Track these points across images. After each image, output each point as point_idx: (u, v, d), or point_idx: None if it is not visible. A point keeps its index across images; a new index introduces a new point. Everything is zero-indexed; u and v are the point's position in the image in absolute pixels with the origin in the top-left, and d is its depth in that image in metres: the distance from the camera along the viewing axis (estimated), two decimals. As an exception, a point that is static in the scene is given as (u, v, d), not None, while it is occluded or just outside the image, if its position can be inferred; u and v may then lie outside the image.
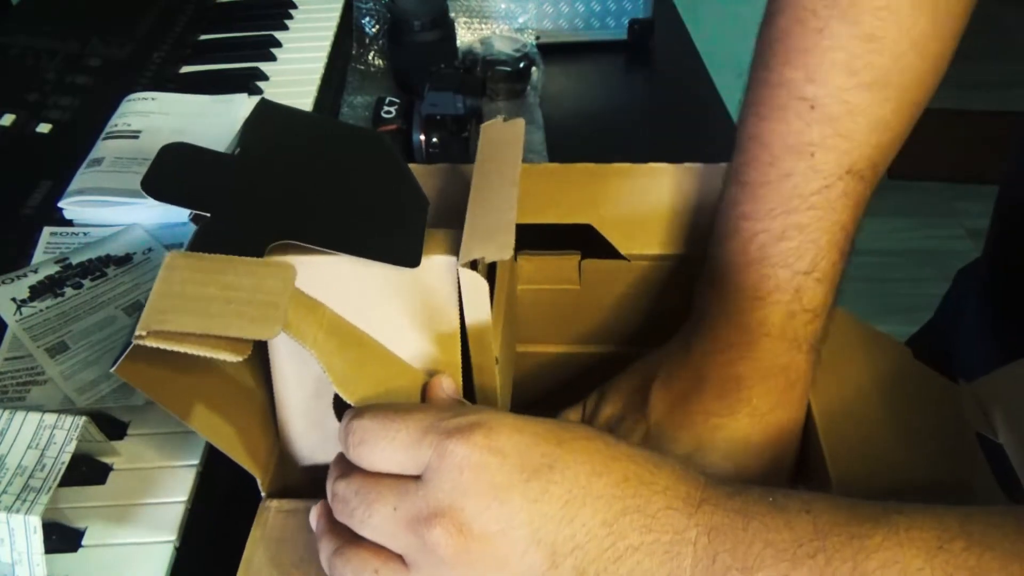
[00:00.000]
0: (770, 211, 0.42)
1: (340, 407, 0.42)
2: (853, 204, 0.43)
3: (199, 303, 0.33)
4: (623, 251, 0.47)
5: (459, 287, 0.38)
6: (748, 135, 0.44)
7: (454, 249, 0.38)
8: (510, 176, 0.41)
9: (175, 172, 0.39)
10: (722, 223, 0.44)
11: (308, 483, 0.43)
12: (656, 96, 0.92)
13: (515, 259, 0.49)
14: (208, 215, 0.37)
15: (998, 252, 0.65)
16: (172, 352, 0.32)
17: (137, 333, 0.32)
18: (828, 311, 0.43)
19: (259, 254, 0.36)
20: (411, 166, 0.45)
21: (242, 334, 0.33)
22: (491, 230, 0.38)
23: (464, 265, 0.36)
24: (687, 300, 0.45)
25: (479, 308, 0.38)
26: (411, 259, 0.38)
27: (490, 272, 0.39)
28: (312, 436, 0.42)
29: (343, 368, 0.37)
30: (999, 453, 0.41)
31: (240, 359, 0.33)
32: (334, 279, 0.38)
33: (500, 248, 0.36)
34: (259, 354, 0.42)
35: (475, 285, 0.37)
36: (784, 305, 0.41)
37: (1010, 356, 0.45)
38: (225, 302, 0.33)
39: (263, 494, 0.41)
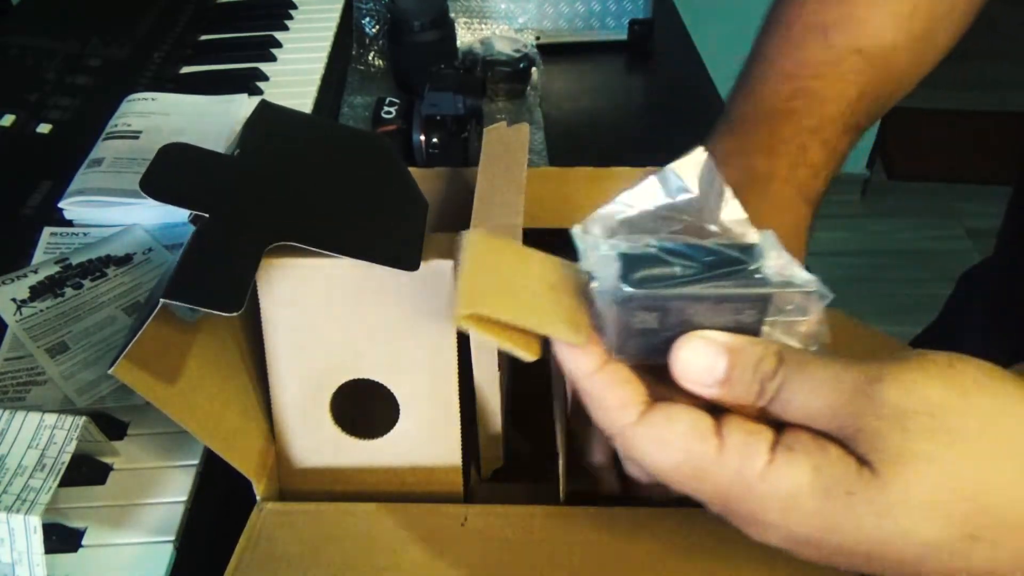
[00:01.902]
0: (782, 74, 0.47)
1: (336, 411, 0.42)
2: (862, 82, 0.47)
3: (513, 290, 0.30)
4: None
5: None
6: (773, 18, 0.49)
7: (455, 254, 0.38)
8: (516, 181, 0.41)
9: (174, 172, 0.39)
10: (741, 82, 0.49)
11: (303, 486, 0.43)
12: (656, 96, 0.92)
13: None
14: (207, 215, 0.37)
15: (1011, 252, 0.64)
16: (170, 354, 0.32)
17: (461, 314, 0.29)
18: (828, 176, 0.47)
19: (258, 256, 0.36)
20: (411, 169, 0.45)
21: (553, 333, 0.30)
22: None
23: None
24: None
25: None
26: (410, 262, 0.38)
27: None
28: (308, 439, 0.42)
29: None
30: None
31: (533, 359, 0.30)
32: (333, 281, 0.38)
33: None
34: (256, 355, 0.42)
35: None
36: (790, 156, 0.45)
37: (1015, 357, 0.45)
38: (535, 295, 0.31)
39: (259, 497, 0.41)
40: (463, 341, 0.40)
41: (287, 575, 0.37)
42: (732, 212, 0.30)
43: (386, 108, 0.77)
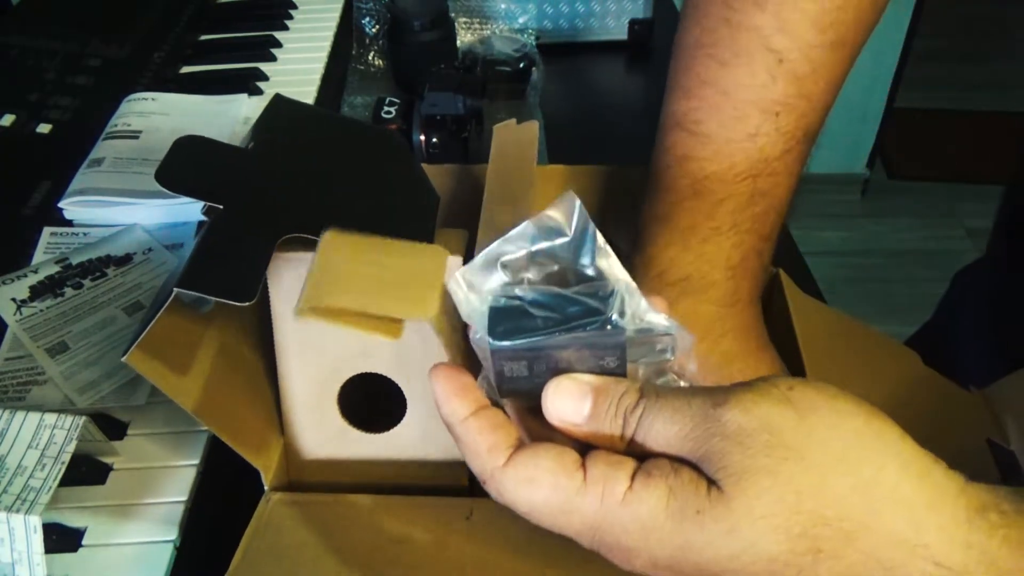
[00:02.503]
0: (737, 174, 0.40)
1: (344, 403, 0.42)
2: (800, 169, 0.42)
3: (356, 281, 0.33)
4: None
5: None
6: (702, 79, 0.41)
7: (465, 249, 0.38)
8: (526, 177, 0.41)
9: (189, 165, 0.39)
10: (672, 174, 0.42)
11: (310, 478, 0.43)
12: (656, 96, 0.92)
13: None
14: (221, 207, 0.37)
15: (1001, 253, 0.65)
16: (181, 344, 0.33)
17: (299, 307, 0.32)
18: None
19: (271, 247, 0.36)
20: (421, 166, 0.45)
21: (398, 314, 0.33)
22: (508, 230, 0.37)
23: None
24: None
25: None
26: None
27: None
28: (316, 431, 0.42)
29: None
30: (1010, 460, 0.41)
31: (394, 340, 0.32)
32: None
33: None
34: (265, 347, 0.42)
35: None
36: (758, 272, 0.42)
37: (1008, 358, 0.45)
38: (380, 281, 0.33)
39: (266, 487, 0.41)
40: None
41: (293, 565, 0.38)
42: (603, 256, 0.32)
43: (386, 108, 0.77)
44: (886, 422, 0.28)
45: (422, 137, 0.72)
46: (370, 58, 0.92)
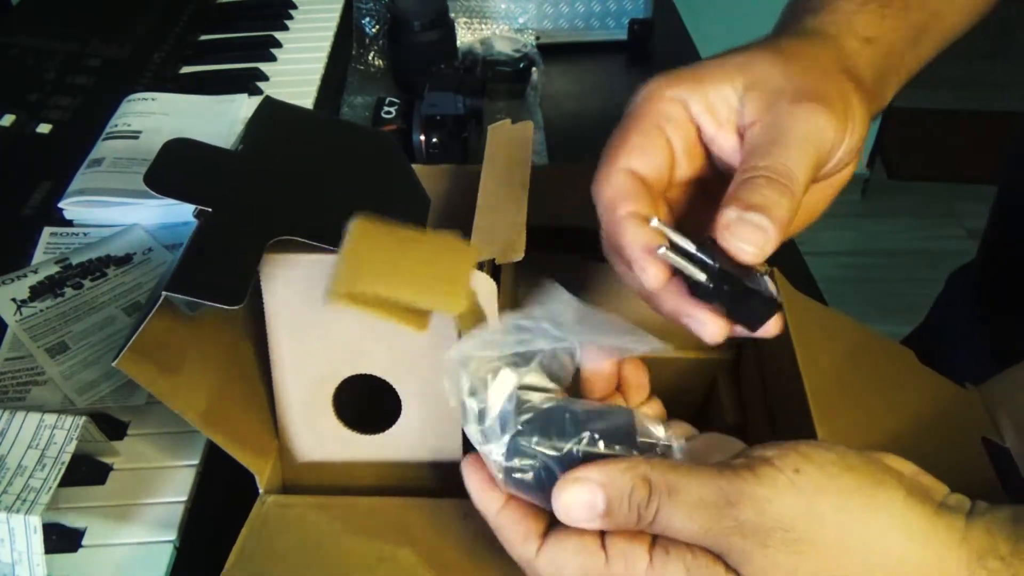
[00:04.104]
0: None
1: (338, 405, 0.42)
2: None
3: (389, 269, 0.33)
4: None
5: None
6: None
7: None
8: (519, 178, 0.41)
9: (178, 167, 0.39)
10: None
11: (306, 480, 0.43)
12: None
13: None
14: (210, 210, 0.37)
15: (991, 253, 0.65)
16: (173, 347, 0.32)
17: (331, 292, 0.32)
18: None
19: (261, 250, 0.36)
20: (414, 167, 0.45)
21: (429, 306, 0.33)
22: (500, 232, 0.38)
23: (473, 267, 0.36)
24: None
25: (487, 311, 0.38)
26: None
27: (494, 274, 0.40)
28: (311, 433, 0.42)
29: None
30: (1006, 458, 0.41)
31: (421, 332, 0.33)
32: None
33: (510, 250, 0.36)
34: (259, 349, 0.42)
35: (484, 287, 0.37)
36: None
37: (998, 356, 0.45)
38: (410, 273, 0.34)
39: (261, 490, 0.41)
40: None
41: (288, 567, 0.38)
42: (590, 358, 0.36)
43: (386, 108, 0.77)
44: (889, 488, 0.30)
45: (422, 137, 0.72)
46: (370, 58, 0.92)
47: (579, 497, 0.32)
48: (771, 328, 0.35)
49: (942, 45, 0.48)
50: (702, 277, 0.33)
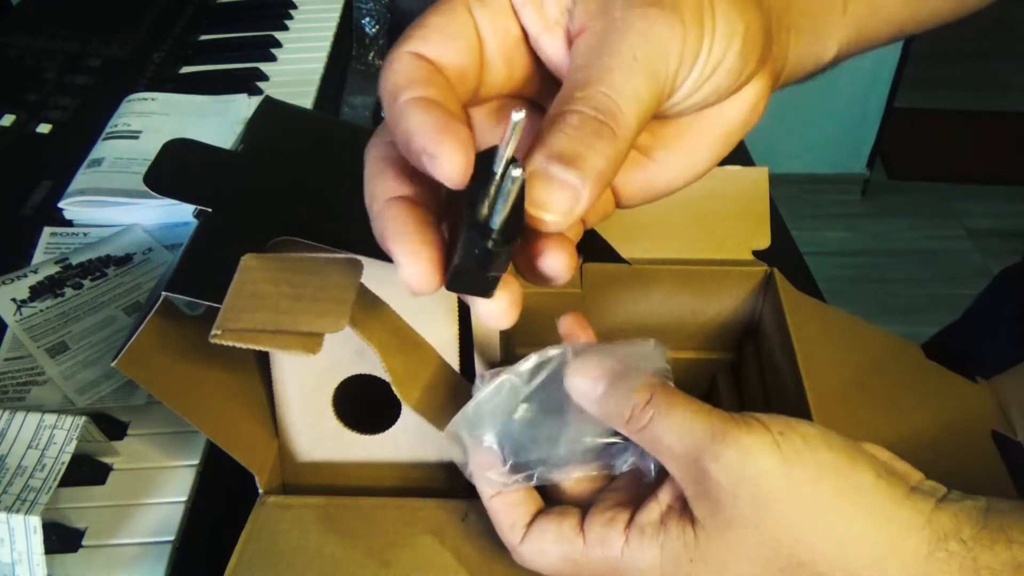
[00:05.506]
0: None
1: (339, 405, 0.42)
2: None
3: (270, 301, 0.34)
4: (625, 255, 0.47)
5: None
6: None
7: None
8: None
9: (178, 168, 0.39)
10: None
11: (306, 480, 0.43)
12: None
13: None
14: (210, 210, 0.37)
15: None
16: (172, 348, 0.32)
17: (213, 332, 0.32)
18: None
19: (260, 250, 0.36)
20: None
21: (311, 328, 0.33)
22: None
23: None
24: (689, 303, 0.45)
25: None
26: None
27: None
28: (310, 434, 0.42)
29: (402, 369, 0.37)
30: (1019, 451, 0.41)
31: (311, 355, 0.33)
32: None
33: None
34: (259, 351, 0.42)
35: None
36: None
37: None
38: (295, 299, 0.34)
39: (260, 491, 0.41)
40: (465, 337, 0.40)
41: (288, 568, 0.38)
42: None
43: (386, 108, 0.77)
44: (861, 468, 0.31)
45: (422, 137, 0.72)
46: (370, 58, 0.92)
47: (587, 373, 0.33)
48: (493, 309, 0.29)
49: None
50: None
